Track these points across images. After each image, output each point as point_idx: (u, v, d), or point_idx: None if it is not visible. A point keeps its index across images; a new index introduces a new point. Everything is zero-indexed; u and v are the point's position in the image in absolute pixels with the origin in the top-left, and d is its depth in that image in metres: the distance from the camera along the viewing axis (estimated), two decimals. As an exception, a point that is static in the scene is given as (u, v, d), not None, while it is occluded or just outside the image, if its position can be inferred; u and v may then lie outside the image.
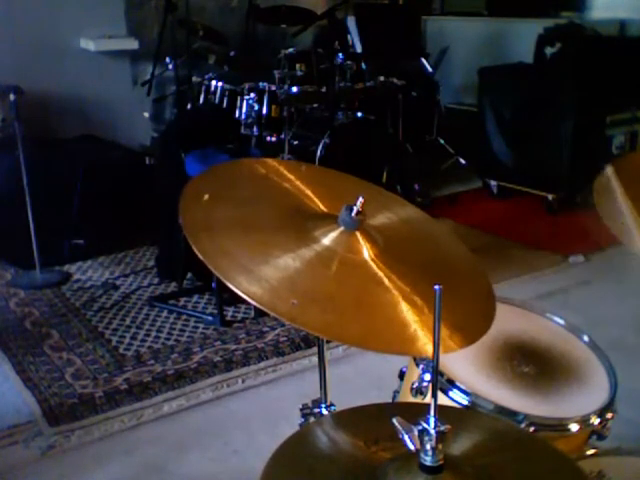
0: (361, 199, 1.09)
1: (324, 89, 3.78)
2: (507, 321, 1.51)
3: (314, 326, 1.00)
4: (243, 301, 0.97)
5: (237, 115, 3.93)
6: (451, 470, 0.88)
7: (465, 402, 1.31)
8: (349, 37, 5.12)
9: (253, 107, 3.84)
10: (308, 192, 1.22)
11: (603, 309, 3.05)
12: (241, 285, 0.98)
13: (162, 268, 3.41)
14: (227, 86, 4.09)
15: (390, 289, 1.05)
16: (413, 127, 4.42)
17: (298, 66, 3.82)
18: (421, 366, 1.35)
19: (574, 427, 1.28)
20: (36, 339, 2.83)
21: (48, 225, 3.35)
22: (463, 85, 5.58)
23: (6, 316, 3.02)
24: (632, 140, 4.45)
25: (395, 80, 4.12)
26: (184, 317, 3.02)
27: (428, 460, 0.88)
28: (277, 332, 2.87)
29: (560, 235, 4.05)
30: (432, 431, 0.87)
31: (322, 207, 1.19)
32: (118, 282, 3.36)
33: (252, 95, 3.86)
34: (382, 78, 4.12)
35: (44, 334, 2.87)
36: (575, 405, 1.32)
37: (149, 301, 3.15)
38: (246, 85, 3.94)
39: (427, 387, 1.32)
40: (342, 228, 1.10)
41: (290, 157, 3.70)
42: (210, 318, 2.97)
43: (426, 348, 0.97)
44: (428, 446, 0.87)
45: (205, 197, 1.15)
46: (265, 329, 2.90)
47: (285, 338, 2.83)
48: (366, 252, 1.09)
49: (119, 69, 4.55)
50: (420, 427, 0.88)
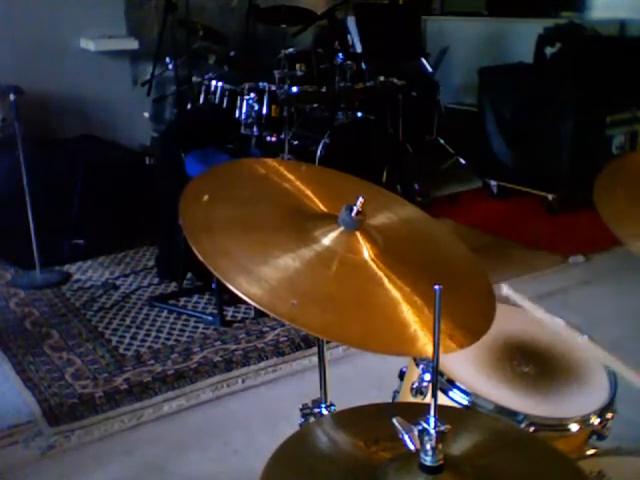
0: (361, 199, 1.09)
1: (324, 89, 3.78)
2: (507, 321, 1.51)
3: (314, 327, 1.00)
4: (243, 301, 0.97)
5: (237, 115, 3.93)
6: (451, 470, 0.88)
7: (465, 402, 1.31)
8: (349, 37, 5.12)
9: (253, 107, 3.85)
10: (308, 192, 1.22)
11: (603, 309, 3.05)
12: (241, 286, 0.98)
13: (162, 268, 3.41)
14: (227, 86, 4.09)
15: (390, 289, 1.05)
16: (413, 127, 4.42)
17: (298, 66, 3.82)
18: (421, 366, 1.35)
19: (574, 427, 1.28)
20: (36, 339, 2.83)
21: (48, 225, 3.35)
22: (463, 85, 5.58)
23: (6, 316, 3.02)
24: (632, 140, 4.44)
25: (395, 80, 4.12)
26: (184, 317, 3.02)
27: (428, 460, 0.88)
28: (277, 332, 2.87)
29: (560, 235, 4.05)
30: (432, 431, 0.87)
31: (322, 207, 1.19)
32: (118, 282, 3.36)
33: (252, 95, 3.86)
34: (382, 78, 4.12)
35: (44, 334, 2.87)
36: (575, 405, 1.32)
37: (149, 301, 3.15)
38: (246, 85, 3.94)
39: (427, 387, 1.32)
40: (342, 228, 1.10)
41: (290, 157, 3.70)
42: (210, 318, 2.97)
43: (426, 348, 0.97)
44: (428, 446, 0.88)
45: (205, 198, 1.15)
46: (265, 329, 2.90)
47: (285, 338, 2.83)
48: (366, 252, 1.09)
49: (119, 69, 4.55)
50: (420, 427, 0.88)
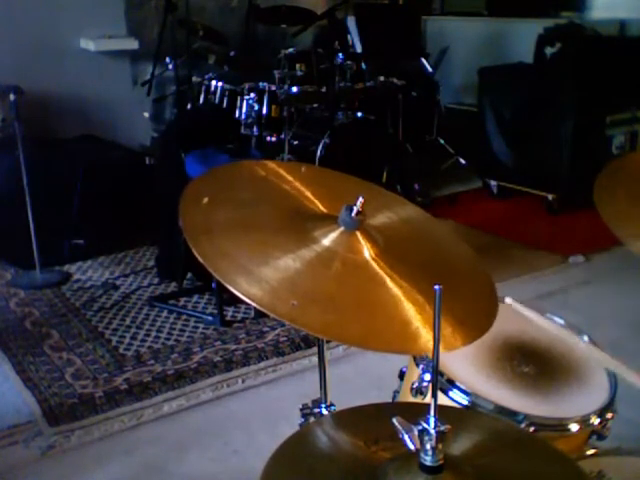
0: (361, 199, 1.09)
1: (324, 89, 3.78)
2: (507, 321, 1.51)
3: (315, 327, 1.00)
4: (243, 301, 0.97)
5: (237, 115, 3.93)
6: (451, 470, 0.88)
7: (465, 402, 1.31)
8: (349, 37, 5.12)
9: (253, 107, 3.85)
10: (308, 193, 1.22)
11: (603, 309, 3.05)
12: (241, 287, 0.98)
13: (162, 268, 3.41)
14: (227, 86, 4.09)
15: (391, 288, 1.05)
16: (413, 127, 4.42)
17: (298, 66, 3.82)
18: (421, 366, 1.35)
19: (574, 427, 1.28)
20: (36, 339, 2.83)
21: (48, 225, 3.35)
22: (463, 85, 5.58)
23: (6, 316, 3.02)
24: (632, 140, 4.45)
25: (395, 80, 4.12)
26: (184, 317, 3.02)
27: (428, 460, 0.88)
28: (277, 332, 2.87)
29: (560, 235, 4.05)
30: (432, 431, 0.87)
31: (322, 208, 1.19)
32: (118, 282, 3.36)
33: (252, 95, 3.86)
34: (382, 78, 4.12)
35: (44, 334, 2.87)
36: (575, 405, 1.32)
37: (149, 301, 3.15)
38: (246, 85, 3.94)
39: (427, 387, 1.32)
40: (342, 228, 1.10)
41: (290, 157, 3.70)
42: (210, 318, 2.97)
43: (428, 346, 0.97)
44: (428, 446, 0.87)
45: (204, 200, 1.15)
46: (265, 329, 2.90)
47: (285, 338, 2.83)
48: (367, 252, 1.09)
49: (119, 69, 4.55)
50: (420, 427, 0.88)
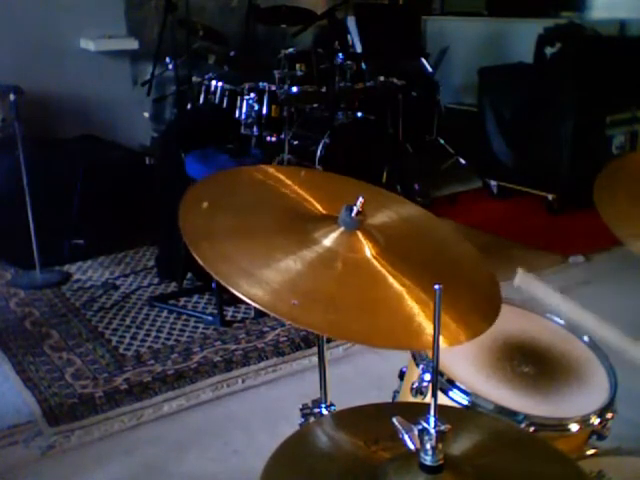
0: (361, 199, 1.09)
1: (324, 89, 3.78)
2: (507, 321, 1.51)
3: (317, 325, 1.00)
4: (243, 301, 0.97)
5: (237, 115, 3.93)
6: (451, 470, 0.88)
7: (465, 402, 1.31)
8: (349, 37, 5.12)
9: (253, 107, 3.85)
10: (307, 196, 1.23)
11: (603, 309, 3.05)
12: (242, 288, 0.98)
13: (162, 268, 3.41)
14: (227, 86, 4.09)
15: (393, 285, 1.05)
16: (413, 127, 4.42)
17: (298, 66, 3.82)
18: (421, 366, 1.35)
19: (574, 427, 1.28)
20: (36, 339, 2.83)
21: (48, 225, 3.35)
22: (463, 85, 5.58)
23: (6, 316, 3.02)
24: (632, 140, 4.45)
25: (395, 80, 4.12)
26: (184, 317, 3.02)
27: (428, 460, 0.87)
28: (277, 332, 2.87)
29: (560, 235, 4.05)
30: (432, 430, 0.87)
31: (322, 210, 1.20)
32: (118, 282, 3.36)
33: (252, 95, 3.86)
34: (382, 78, 4.12)
35: (44, 334, 2.87)
36: (575, 405, 1.32)
37: (149, 301, 3.15)
38: (246, 85, 3.94)
39: (427, 387, 1.32)
40: (342, 228, 1.11)
41: (290, 157, 3.70)
42: (210, 318, 2.97)
43: (431, 340, 0.97)
44: (428, 446, 0.87)
45: (204, 205, 1.15)
46: (265, 329, 2.90)
47: (285, 338, 2.83)
48: (367, 251, 1.09)
49: (119, 69, 4.55)
50: (420, 427, 0.88)
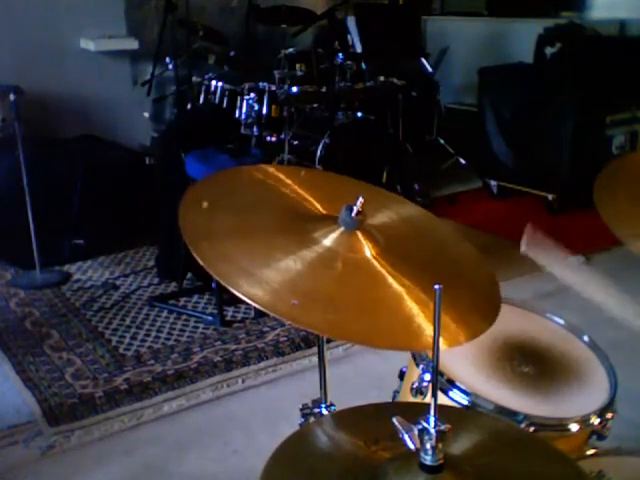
0: (361, 199, 1.09)
1: (324, 89, 3.78)
2: (507, 321, 1.51)
3: (317, 325, 1.00)
4: (243, 301, 0.98)
5: (237, 115, 3.93)
6: (451, 469, 0.88)
7: (465, 402, 1.31)
8: (349, 37, 5.11)
9: (253, 107, 3.84)
10: (307, 196, 1.23)
11: (603, 309, 3.05)
12: (242, 288, 0.98)
13: (162, 268, 3.41)
14: (227, 86, 4.09)
15: (393, 285, 1.05)
16: (413, 127, 4.42)
17: (298, 66, 3.82)
18: (421, 366, 1.35)
19: (574, 427, 1.28)
20: (36, 339, 2.83)
21: (48, 225, 3.35)
22: (463, 85, 5.58)
23: (6, 316, 3.02)
24: (632, 140, 4.45)
25: (395, 80, 4.12)
26: (184, 317, 3.02)
27: (428, 459, 0.87)
28: (277, 332, 2.87)
29: (560, 235, 4.04)
30: (432, 430, 0.87)
31: (322, 210, 1.20)
32: (118, 282, 3.36)
33: (252, 95, 3.86)
34: (382, 78, 4.12)
35: (44, 334, 2.87)
36: (575, 405, 1.32)
37: (149, 301, 3.15)
38: (246, 85, 3.94)
39: (427, 387, 1.32)
40: (342, 228, 1.11)
41: (290, 157, 3.70)
42: (210, 318, 2.97)
43: (431, 342, 0.97)
44: (428, 445, 0.87)
45: (204, 204, 1.15)
46: (265, 329, 2.90)
47: (285, 338, 2.83)
48: (367, 251, 1.09)
49: (119, 69, 4.55)
50: (420, 426, 0.88)
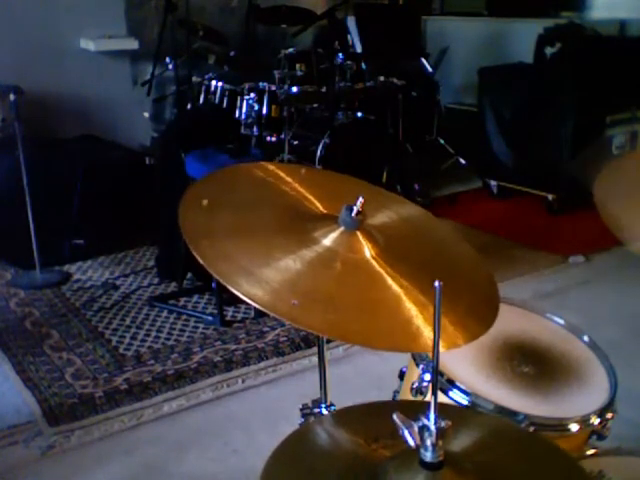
0: (361, 199, 1.09)
1: (324, 89, 3.78)
2: (507, 321, 1.51)
3: (316, 326, 1.00)
4: (243, 301, 0.98)
5: (237, 115, 3.93)
6: (451, 467, 0.88)
7: (465, 402, 1.31)
8: (349, 37, 5.11)
9: (253, 107, 3.84)
10: (307, 195, 1.22)
11: (603, 309, 3.05)
12: (242, 287, 0.98)
13: (162, 268, 3.41)
14: (227, 86, 4.09)
15: (392, 287, 1.05)
16: (413, 127, 4.42)
17: (298, 66, 3.82)
18: (421, 366, 1.35)
19: (574, 427, 1.28)
20: (36, 339, 2.83)
21: (48, 225, 3.35)
22: (463, 85, 5.58)
23: (6, 316, 3.02)
24: (632, 140, 4.45)
25: (395, 80, 4.12)
26: (184, 317, 3.02)
27: (428, 456, 0.87)
28: (277, 332, 2.87)
29: (560, 235, 4.05)
30: (432, 427, 0.86)
31: (322, 209, 1.19)
32: (118, 282, 3.36)
33: (252, 95, 3.86)
34: (382, 78, 4.12)
35: (44, 334, 2.87)
36: (575, 405, 1.32)
37: (149, 301, 3.15)
38: (246, 85, 3.94)
39: (427, 387, 1.32)
40: (342, 228, 1.10)
41: (290, 157, 3.70)
42: (210, 318, 2.97)
43: (430, 344, 0.97)
44: (428, 442, 0.87)
45: (204, 202, 1.15)
46: (265, 329, 2.90)
47: (285, 338, 2.83)
48: (367, 251, 1.09)
49: (119, 69, 4.55)
50: (420, 423, 0.87)
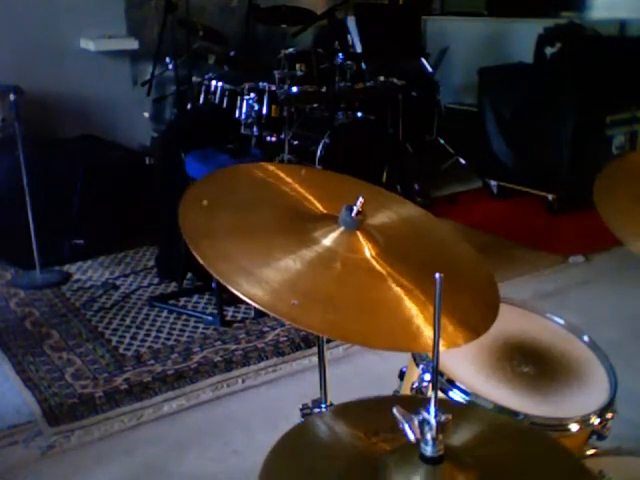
0: (361, 199, 1.09)
1: (324, 89, 3.78)
2: (507, 321, 1.51)
3: (316, 326, 1.00)
4: (243, 301, 0.98)
5: (237, 115, 3.93)
6: (451, 461, 0.88)
7: (465, 402, 1.31)
8: (349, 37, 5.11)
9: (253, 107, 3.84)
10: (307, 195, 1.22)
11: (603, 309, 3.05)
12: (242, 287, 0.98)
13: (162, 268, 3.41)
14: (227, 86, 4.09)
15: (392, 287, 1.05)
16: (413, 127, 4.42)
17: (298, 66, 3.81)
18: (421, 366, 1.35)
19: (574, 427, 1.28)
20: (36, 339, 2.83)
21: (48, 225, 3.35)
22: (463, 85, 5.58)
23: (6, 316, 3.02)
24: (632, 140, 4.45)
25: (395, 80, 4.12)
26: (184, 317, 3.02)
27: (428, 450, 0.86)
28: (277, 332, 2.87)
29: (560, 235, 4.05)
30: (432, 421, 0.86)
31: (322, 209, 1.19)
32: (118, 282, 3.36)
33: (252, 95, 3.86)
34: (382, 78, 4.12)
35: (44, 334, 2.87)
36: (575, 405, 1.32)
37: (149, 301, 3.15)
38: (246, 85, 3.94)
39: (427, 387, 1.32)
40: (342, 228, 1.10)
41: (290, 157, 3.70)
42: (210, 318, 2.97)
43: (430, 343, 0.97)
44: (428, 436, 0.86)
45: (204, 202, 1.15)
46: (265, 329, 2.90)
47: (285, 338, 2.83)
48: (367, 251, 1.09)
49: (119, 69, 4.55)
50: (420, 417, 0.87)
